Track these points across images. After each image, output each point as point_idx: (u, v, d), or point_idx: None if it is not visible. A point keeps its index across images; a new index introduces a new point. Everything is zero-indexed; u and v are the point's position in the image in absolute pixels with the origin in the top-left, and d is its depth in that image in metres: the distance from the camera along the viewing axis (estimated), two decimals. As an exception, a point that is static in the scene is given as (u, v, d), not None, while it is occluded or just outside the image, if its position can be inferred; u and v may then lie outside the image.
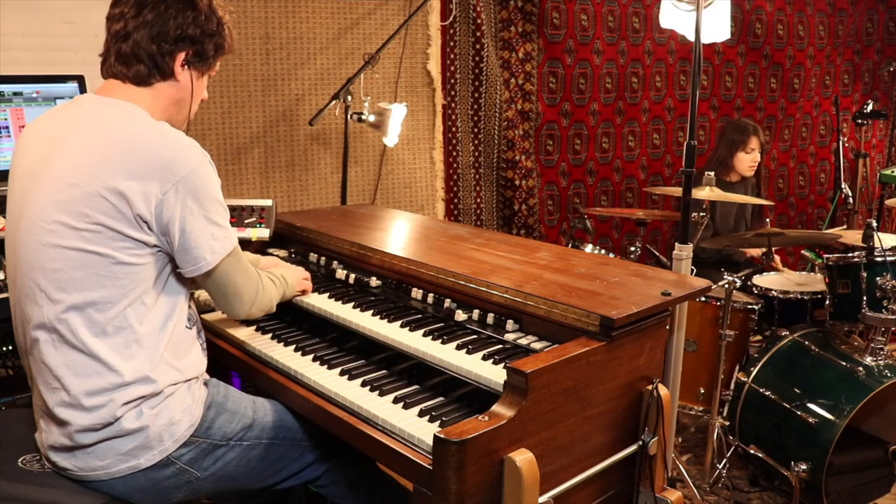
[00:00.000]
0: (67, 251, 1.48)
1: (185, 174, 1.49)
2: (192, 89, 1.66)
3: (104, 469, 1.53)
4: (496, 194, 3.96)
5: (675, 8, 2.59)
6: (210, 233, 1.54)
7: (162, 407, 1.55)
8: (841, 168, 4.44)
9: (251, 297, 1.71)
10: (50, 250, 1.49)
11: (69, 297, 1.49)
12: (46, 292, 1.50)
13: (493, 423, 1.38)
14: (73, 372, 1.50)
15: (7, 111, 2.38)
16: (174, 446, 1.56)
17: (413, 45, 3.60)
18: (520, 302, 1.72)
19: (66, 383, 1.50)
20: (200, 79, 1.69)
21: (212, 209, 1.54)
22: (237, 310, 1.70)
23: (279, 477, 1.76)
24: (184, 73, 1.62)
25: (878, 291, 2.62)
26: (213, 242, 1.54)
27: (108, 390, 1.50)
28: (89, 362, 1.50)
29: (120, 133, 1.51)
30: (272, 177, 3.36)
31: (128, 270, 1.49)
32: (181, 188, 1.48)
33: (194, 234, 1.52)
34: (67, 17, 2.76)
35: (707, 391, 2.93)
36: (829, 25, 5.00)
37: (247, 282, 1.69)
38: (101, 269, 1.48)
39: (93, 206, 1.46)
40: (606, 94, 4.17)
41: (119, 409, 1.50)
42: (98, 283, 1.48)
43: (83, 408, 1.50)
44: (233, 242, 1.61)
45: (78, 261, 1.48)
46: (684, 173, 2.31)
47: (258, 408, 1.75)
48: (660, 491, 1.73)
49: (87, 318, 1.49)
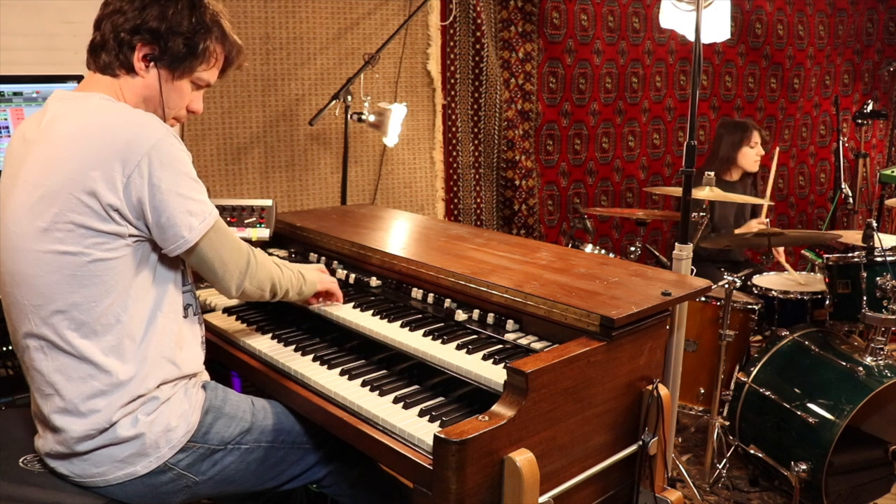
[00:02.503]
0: (41, 255, 1.45)
1: (147, 150, 1.42)
2: (161, 90, 1.56)
3: (101, 476, 1.52)
4: (496, 194, 3.97)
5: (675, 8, 2.59)
6: (186, 209, 1.47)
7: (158, 413, 1.53)
8: (841, 168, 4.44)
9: (241, 269, 1.63)
10: (25, 255, 1.47)
11: (50, 303, 1.47)
12: (29, 300, 1.48)
13: (493, 423, 1.37)
14: (66, 377, 1.49)
15: (7, 111, 2.38)
16: (171, 453, 1.54)
17: (413, 45, 3.60)
18: (520, 302, 1.72)
19: (60, 389, 1.49)
20: (173, 82, 1.58)
21: (181, 183, 1.47)
22: (228, 284, 1.62)
23: (280, 479, 1.75)
24: (148, 71, 1.54)
25: (878, 291, 2.62)
26: (191, 219, 1.48)
27: (103, 393, 1.48)
28: (81, 365, 1.48)
29: (80, 125, 1.47)
30: (272, 177, 3.36)
31: (105, 267, 1.45)
32: (144, 166, 1.42)
33: (167, 212, 1.45)
34: (67, 17, 2.76)
35: (707, 391, 2.93)
36: (829, 25, 5.00)
37: (235, 254, 1.61)
38: (77, 269, 1.45)
39: (60, 205, 1.42)
40: (606, 94, 4.17)
41: (115, 412, 1.49)
42: (77, 284, 1.45)
43: (79, 413, 1.48)
44: (213, 216, 1.53)
45: (53, 264, 1.45)
46: (684, 173, 2.31)
47: (257, 410, 1.72)
48: (660, 491, 1.73)
49: (73, 320, 1.47)
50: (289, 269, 1.84)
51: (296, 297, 1.88)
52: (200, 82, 1.63)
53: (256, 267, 1.67)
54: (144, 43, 1.52)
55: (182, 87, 1.60)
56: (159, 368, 1.54)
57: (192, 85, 1.62)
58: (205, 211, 1.51)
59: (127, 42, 1.52)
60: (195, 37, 1.55)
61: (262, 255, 1.73)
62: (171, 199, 1.45)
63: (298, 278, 1.85)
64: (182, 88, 1.61)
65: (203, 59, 1.59)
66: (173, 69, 1.56)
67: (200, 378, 1.70)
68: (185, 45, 1.54)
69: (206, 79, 1.63)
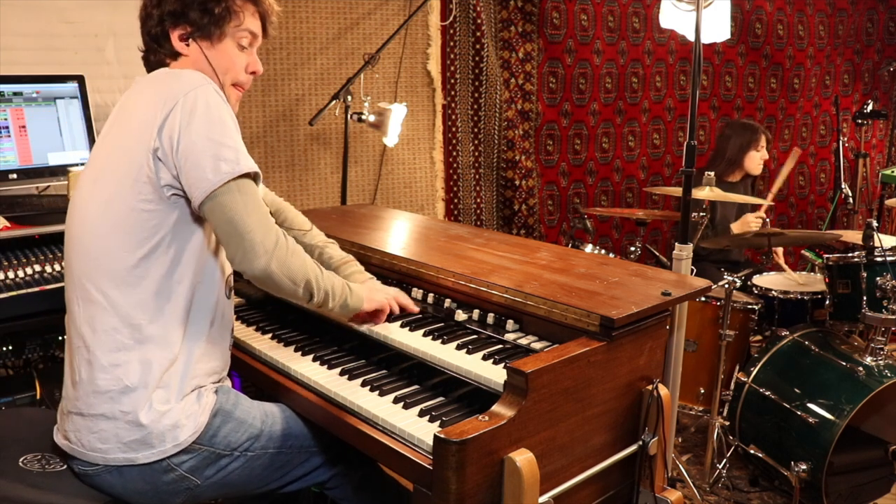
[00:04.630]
0: (91, 205, 1.54)
1: (187, 92, 1.48)
2: (209, 61, 1.63)
3: (102, 454, 1.52)
4: (496, 194, 3.97)
5: (675, 8, 2.59)
6: (214, 152, 1.45)
7: (171, 408, 1.53)
8: (841, 168, 4.44)
9: (267, 243, 1.49)
10: (79, 205, 1.57)
11: (93, 248, 1.53)
12: (80, 246, 1.56)
13: (493, 423, 1.37)
14: (93, 329, 1.52)
15: (7, 111, 2.38)
16: (174, 450, 1.54)
17: (413, 45, 3.60)
18: (520, 302, 1.72)
19: (87, 340, 1.53)
20: (213, 48, 1.63)
21: (215, 128, 1.47)
22: (252, 257, 1.48)
23: (284, 481, 1.74)
24: (190, 48, 1.63)
25: (878, 291, 2.62)
26: (220, 162, 1.45)
27: (125, 347, 1.51)
28: (108, 317, 1.51)
29: (143, 86, 1.60)
30: (272, 177, 3.36)
31: (145, 218, 1.50)
32: (180, 107, 1.46)
33: (195, 155, 1.45)
34: (67, 17, 2.76)
35: (707, 391, 2.93)
36: (829, 25, 5.00)
37: (262, 226, 1.49)
38: (121, 217, 1.50)
39: (116, 155, 1.53)
40: (606, 94, 4.17)
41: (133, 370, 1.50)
42: (120, 230, 1.50)
43: (100, 366, 1.51)
44: (245, 166, 1.48)
45: (97, 211, 1.53)
46: (684, 173, 2.31)
47: (267, 416, 1.70)
48: (660, 491, 1.73)
49: (108, 270, 1.51)
50: (335, 277, 1.72)
51: (339, 311, 1.73)
52: (243, 39, 1.67)
53: (287, 251, 1.54)
54: (174, 27, 1.61)
55: (226, 48, 1.65)
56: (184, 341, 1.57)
57: (237, 45, 1.67)
58: (238, 159, 1.47)
59: (161, 34, 1.62)
60: (208, 2, 1.61)
61: (298, 247, 1.61)
62: (200, 142, 1.45)
63: (343, 287, 1.71)
64: (226, 50, 1.65)
65: (229, 17, 1.63)
66: (208, 37, 1.63)
67: (219, 383, 1.69)
68: (203, 12, 1.61)
69: (244, 34, 1.66)
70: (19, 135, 2.40)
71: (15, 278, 2.09)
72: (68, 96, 2.50)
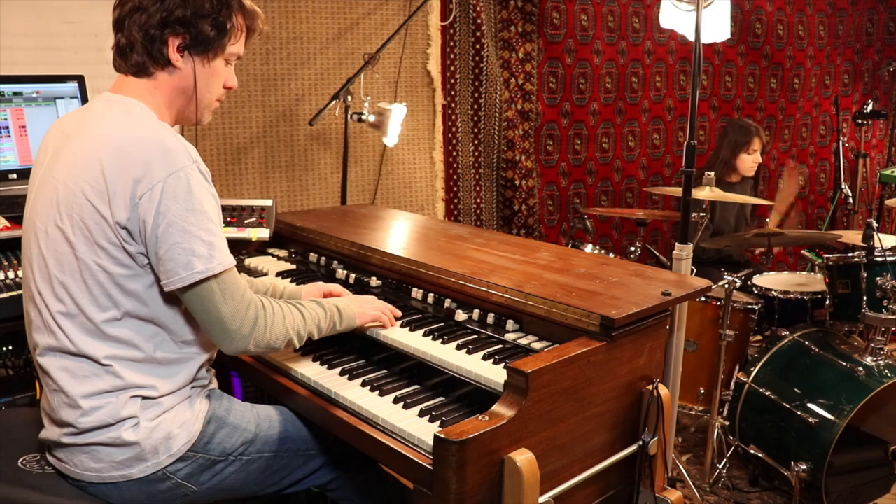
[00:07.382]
0: (57, 253, 1.46)
1: (166, 177, 1.38)
2: (196, 77, 1.54)
3: (97, 472, 1.51)
4: (496, 194, 3.97)
5: (675, 8, 2.59)
6: (190, 247, 1.39)
7: (161, 420, 1.52)
8: (841, 168, 4.44)
9: (244, 329, 1.49)
10: (43, 250, 1.48)
11: (58, 303, 1.47)
12: (42, 294, 1.49)
13: (493, 423, 1.37)
14: (70, 374, 1.49)
15: (7, 111, 2.38)
16: (169, 461, 1.53)
17: (413, 45, 3.60)
18: (520, 302, 1.72)
19: (63, 385, 1.49)
20: (208, 65, 1.56)
21: (194, 220, 1.40)
22: (227, 341, 1.49)
23: (282, 484, 1.73)
24: (183, 60, 1.52)
25: (878, 291, 2.62)
26: (193, 259, 1.40)
27: (106, 392, 1.48)
28: (85, 365, 1.48)
29: (110, 133, 1.45)
30: (272, 177, 3.36)
31: (113, 278, 1.45)
32: (157, 191, 1.38)
33: (167, 244, 1.39)
34: (67, 17, 2.76)
35: (707, 391, 2.93)
36: (829, 25, 5.00)
37: (236, 311, 1.47)
38: (87, 274, 1.44)
39: (77, 209, 1.42)
40: (606, 94, 4.17)
41: (121, 408, 1.48)
42: (87, 287, 1.45)
43: (81, 409, 1.48)
44: (220, 265, 1.43)
45: (67, 265, 1.45)
46: (684, 173, 2.31)
47: (262, 420, 1.69)
48: (660, 491, 1.73)
49: (79, 322, 1.47)
50: (319, 307, 1.70)
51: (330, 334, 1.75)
52: (231, 58, 1.62)
53: (265, 329, 1.53)
54: (176, 34, 1.50)
55: (216, 67, 1.59)
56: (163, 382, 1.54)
57: (224, 62, 1.61)
58: (213, 255, 1.42)
59: (158, 37, 1.49)
60: (220, 15, 1.53)
61: (280, 310, 1.59)
62: (175, 234, 1.39)
63: (331, 315, 1.71)
64: (217, 69, 1.59)
65: (231, 35, 1.57)
66: (206, 53, 1.55)
67: (208, 387, 1.69)
68: (213, 26, 1.52)
69: (236, 52, 1.61)
70: (19, 135, 2.40)
71: (15, 278, 2.09)
72: (68, 96, 2.50)
